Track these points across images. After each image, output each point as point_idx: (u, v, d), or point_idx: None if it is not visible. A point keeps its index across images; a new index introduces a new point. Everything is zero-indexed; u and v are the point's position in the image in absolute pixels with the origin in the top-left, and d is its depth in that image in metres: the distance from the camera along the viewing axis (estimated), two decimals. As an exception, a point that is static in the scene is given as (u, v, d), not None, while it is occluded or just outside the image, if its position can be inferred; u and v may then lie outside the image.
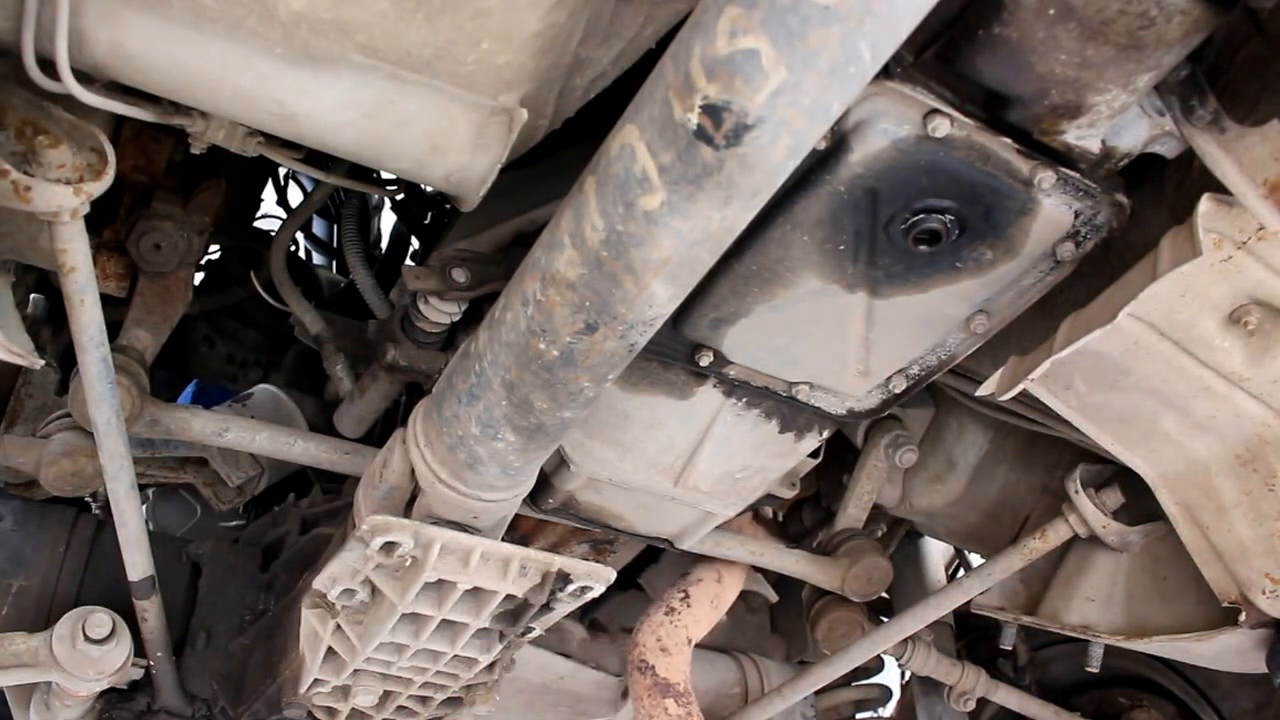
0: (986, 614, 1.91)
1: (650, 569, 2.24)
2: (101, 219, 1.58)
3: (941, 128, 1.05)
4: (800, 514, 2.22)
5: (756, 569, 2.10)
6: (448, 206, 2.27)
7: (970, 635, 2.39)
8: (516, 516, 1.45)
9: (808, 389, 1.42)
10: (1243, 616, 1.45)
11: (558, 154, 1.32)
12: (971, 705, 2.18)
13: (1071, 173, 1.12)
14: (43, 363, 1.21)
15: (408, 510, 1.25)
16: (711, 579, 1.90)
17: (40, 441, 1.52)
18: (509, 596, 1.24)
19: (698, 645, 2.20)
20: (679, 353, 1.36)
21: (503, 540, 1.23)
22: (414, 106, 1.04)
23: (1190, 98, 1.03)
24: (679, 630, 1.85)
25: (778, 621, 2.39)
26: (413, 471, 1.21)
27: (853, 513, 1.96)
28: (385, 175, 1.71)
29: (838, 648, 1.93)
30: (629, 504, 1.63)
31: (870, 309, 1.28)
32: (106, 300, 1.21)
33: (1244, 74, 1.02)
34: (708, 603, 1.89)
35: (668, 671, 1.81)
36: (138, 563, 1.47)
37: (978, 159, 1.09)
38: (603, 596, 1.29)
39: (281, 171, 2.59)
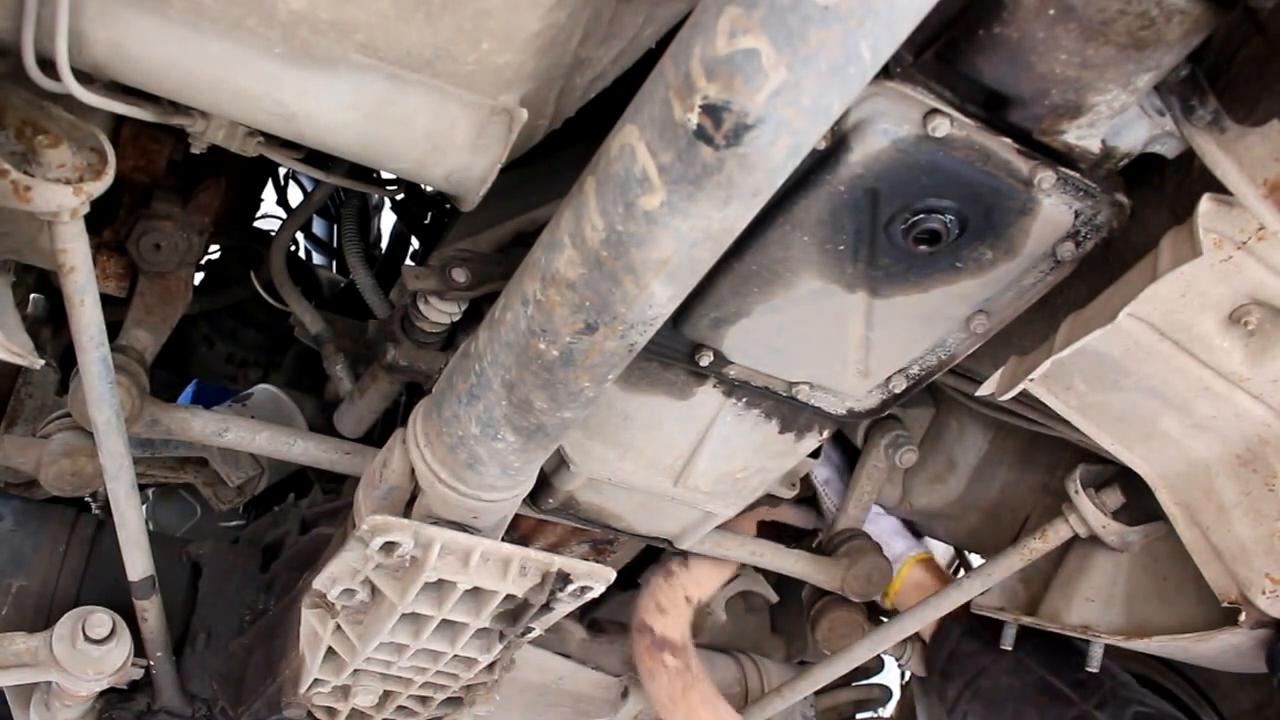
0: (987, 614, 1.91)
1: (650, 569, 2.24)
2: (101, 219, 1.58)
3: (941, 128, 1.05)
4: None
5: (757, 569, 2.10)
6: (448, 206, 2.27)
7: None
8: (516, 516, 1.45)
9: (808, 389, 1.42)
10: (1243, 616, 1.45)
11: (558, 154, 1.32)
12: (971, 705, 2.18)
13: (1071, 173, 1.12)
14: (43, 363, 1.22)
15: (408, 510, 1.25)
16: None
17: (40, 441, 1.52)
18: (509, 596, 1.24)
19: (698, 645, 2.21)
20: (679, 353, 1.36)
21: (503, 540, 1.23)
22: (414, 106, 1.04)
23: (1190, 98, 1.03)
24: (676, 590, 1.91)
25: (778, 621, 2.39)
26: (413, 471, 1.21)
27: (853, 513, 1.96)
28: (385, 175, 1.71)
29: (838, 648, 1.93)
30: (629, 504, 1.63)
31: (870, 309, 1.28)
32: (106, 300, 1.21)
33: (1244, 74, 1.02)
34: (709, 561, 1.91)
35: (664, 629, 1.88)
36: (138, 563, 1.47)
37: (978, 159, 1.09)
38: (603, 596, 1.29)
39: (281, 171, 2.59)
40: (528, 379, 1.01)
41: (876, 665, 2.44)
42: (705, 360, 1.36)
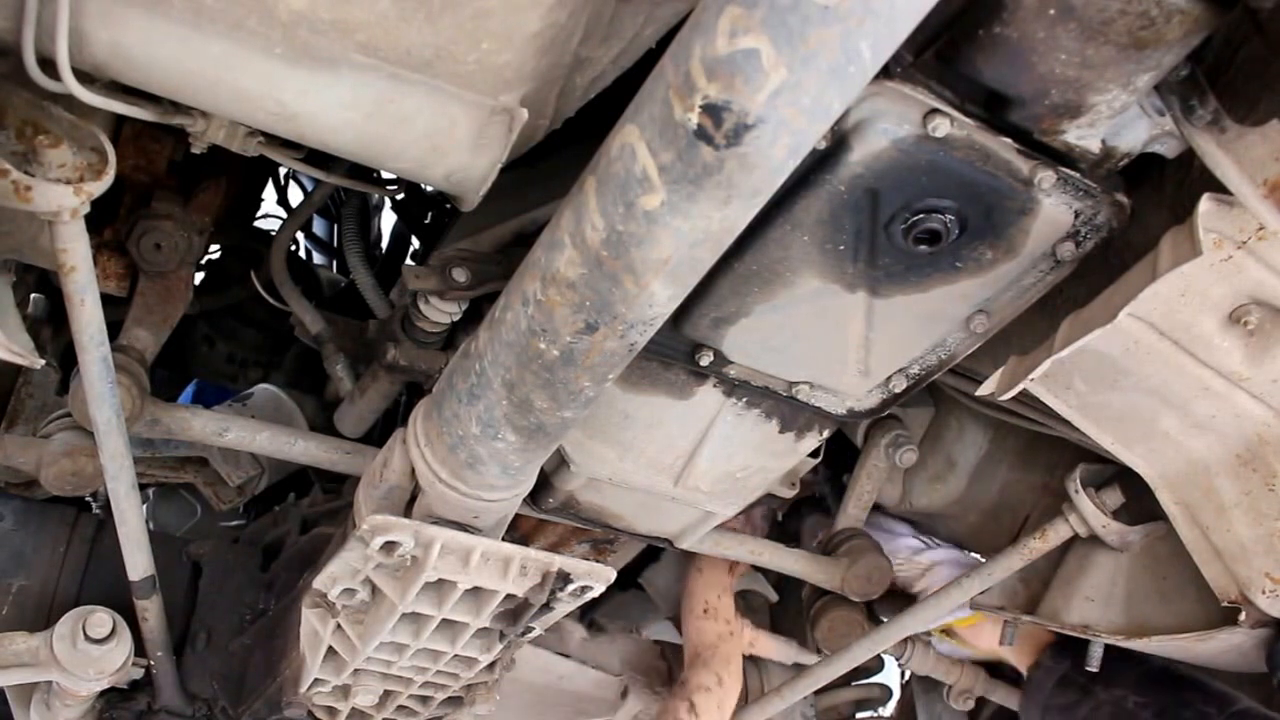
0: (987, 614, 1.91)
1: (650, 568, 2.24)
2: (102, 219, 1.58)
3: (941, 127, 1.05)
4: (800, 514, 2.22)
5: (756, 568, 2.11)
6: (448, 206, 2.27)
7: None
8: (517, 516, 1.45)
9: (808, 389, 1.42)
10: (1243, 616, 1.45)
11: (558, 154, 1.32)
12: (971, 705, 2.18)
13: (1071, 172, 1.12)
14: (43, 362, 1.21)
15: (408, 510, 1.25)
16: (712, 682, 1.91)
17: (41, 441, 1.52)
18: (509, 596, 1.24)
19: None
20: (679, 352, 1.36)
21: (503, 540, 1.23)
22: (414, 106, 1.04)
23: (1190, 97, 1.03)
24: (711, 706, 1.86)
25: (778, 621, 2.39)
26: (413, 471, 1.21)
27: (853, 512, 1.96)
28: (385, 175, 1.71)
29: (837, 647, 1.93)
30: (629, 503, 1.63)
31: (870, 309, 1.28)
32: (107, 300, 1.21)
33: (1244, 74, 1.02)
34: (714, 708, 1.90)
35: None
36: (138, 562, 1.47)
37: (978, 159, 1.09)
38: (603, 596, 1.29)
39: (282, 171, 2.59)
40: (528, 378, 1.01)
41: (876, 665, 2.44)
42: (705, 360, 1.36)
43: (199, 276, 2.23)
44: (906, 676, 2.59)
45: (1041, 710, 1.92)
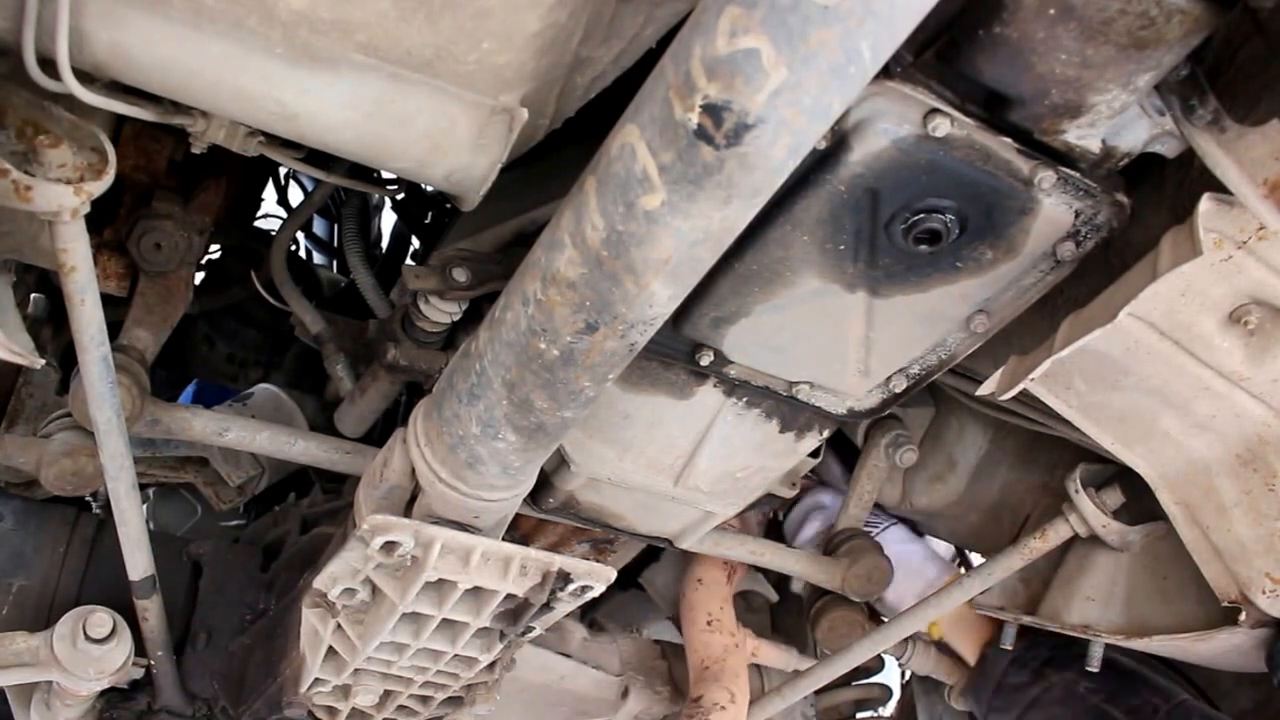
0: (987, 614, 1.92)
1: (650, 568, 2.24)
2: (102, 219, 1.58)
3: (942, 127, 1.05)
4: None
5: (756, 568, 2.11)
6: (448, 206, 2.28)
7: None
8: (517, 516, 1.45)
9: (808, 388, 1.42)
10: (1243, 616, 1.45)
11: (558, 154, 1.32)
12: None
13: (1072, 172, 1.12)
14: (43, 362, 1.21)
15: (408, 510, 1.25)
16: (725, 699, 1.90)
17: (41, 441, 1.52)
18: (509, 596, 1.24)
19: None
20: (679, 352, 1.36)
21: (503, 540, 1.23)
22: (414, 106, 1.04)
23: (1190, 97, 1.03)
24: None
25: (778, 621, 2.39)
26: (413, 471, 1.21)
27: (853, 512, 1.96)
28: (385, 175, 1.72)
29: (838, 647, 1.93)
30: (629, 503, 1.63)
31: (870, 309, 1.28)
32: (107, 300, 1.21)
33: (1244, 74, 1.02)
34: None
35: None
36: (138, 562, 1.47)
37: (978, 158, 1.09)
38: (603, 596, 1.30)
39: (282, 171, 2.59)
40: (528, 378, 1.01)
41: (876, 665, 2.44)
42: (705, 360, 1.36)
43: (199, 276, 2.23)
44: (906, 676, 2.59)
45: (994, 688, 1.94)
